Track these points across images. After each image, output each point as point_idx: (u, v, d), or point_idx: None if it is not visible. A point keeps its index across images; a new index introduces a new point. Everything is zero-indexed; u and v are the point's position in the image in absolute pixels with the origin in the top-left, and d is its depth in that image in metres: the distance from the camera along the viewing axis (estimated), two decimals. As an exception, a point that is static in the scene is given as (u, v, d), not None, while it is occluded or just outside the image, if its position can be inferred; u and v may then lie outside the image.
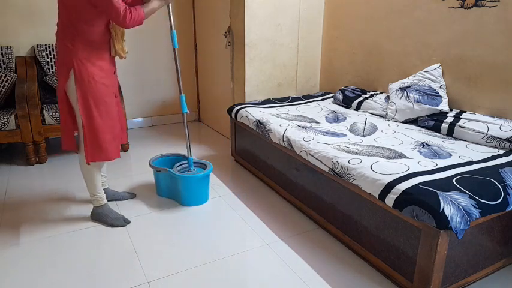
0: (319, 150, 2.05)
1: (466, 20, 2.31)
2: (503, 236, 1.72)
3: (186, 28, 4.17)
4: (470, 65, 2.34)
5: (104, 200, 2.21)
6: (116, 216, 2.19)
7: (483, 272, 1.73)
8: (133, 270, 1.81)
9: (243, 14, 3.03)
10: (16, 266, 1.83)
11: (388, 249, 1.71)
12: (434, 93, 2.43)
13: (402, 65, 2.78)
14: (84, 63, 1.88)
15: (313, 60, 3.55)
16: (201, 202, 2.46)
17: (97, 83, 1.92)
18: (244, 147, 2.99)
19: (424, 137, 2.22)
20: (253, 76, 3.22)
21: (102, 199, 2.20)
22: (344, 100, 3.02)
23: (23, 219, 2.24)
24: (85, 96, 1.91)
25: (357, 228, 1.89)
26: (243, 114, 2.83)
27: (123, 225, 2.16)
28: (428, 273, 1.51)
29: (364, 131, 2.38)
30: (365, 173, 1.75)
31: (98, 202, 2.19)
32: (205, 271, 1.81)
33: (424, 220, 1.45)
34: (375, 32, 2.97)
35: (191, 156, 2.45)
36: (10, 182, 2.72)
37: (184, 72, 4.31)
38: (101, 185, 2.19)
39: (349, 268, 1.84)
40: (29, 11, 3.34)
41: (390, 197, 1.59)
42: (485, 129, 2.10)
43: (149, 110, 4.22)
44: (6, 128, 2.85)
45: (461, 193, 1.52)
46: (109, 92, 2.00)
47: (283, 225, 2.21)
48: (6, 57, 3.20)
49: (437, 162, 1.83)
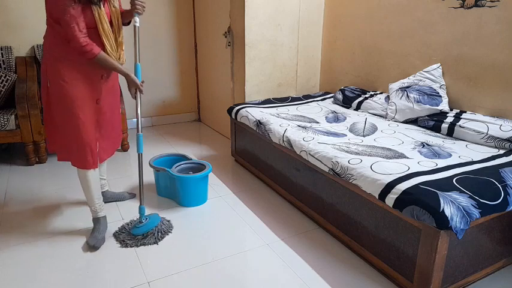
0: (319, 150, 2.05)
1: (466, 20, 2.31)
2: (503, 236, 1.72)
3: (186, 28, 4.16)
4: (470, 65, 2.34)
5: (99, 213, 2.09)
6: (102, 237, 2.03)
7: (483, 272, 1.73)
8: (134, 270, 1.81)
9: (243, 14, 3.03)
10: (16, 266, 1.83)
11: (388, 249, 1.71)
12: (434, 93, 2.43)
13: (402, 65, 2.78)
14: (57, 63, 1.83)
15: (313, 60, 3.55)
16: (200, 203, 2.46)
17: (66, 83, 1.83)
18: (244, 147, 2.99)
19: (424, 137, 2.22)
20: (253, 76, 3.22)
21: (97, 212, 2.08)
22: (344, 100, 3.02)
23: (23, 219, 2.24)
24: (50, 94, 1.89)
25: (357, 228, 1.89)
26: (243, 114, 2.83)
27: (96, 248, 1.97)
28: (428, 273, 1.51)
29: (364, 131, 2.38)
30: (365, 173, 1.75)
31: (93, 214, 2.09)
32: (205, 271, 1.81)
33: (424, 220, 1.45)
34: (374, 32, 2.97)
35: (143, 204, 2.11)
36: (10, 182, 2.72)
37: (184, 72, 4.31)
38: (98, 196, 2.07)
39: (349, 268, 1.84)
40: (29, 11, 3.34)
41: (390, 197, 1.59)
42: (485, 129, 2.10)
43: (149, 110, 4.22)
44: (6, 128, 2.85)
45: (461, 193, 1.52)
46: (83, 96, 1.88)
47: (283, 225, 2.21)
48: (6, 57, 3.20)
49: (437, 162, 1.83)
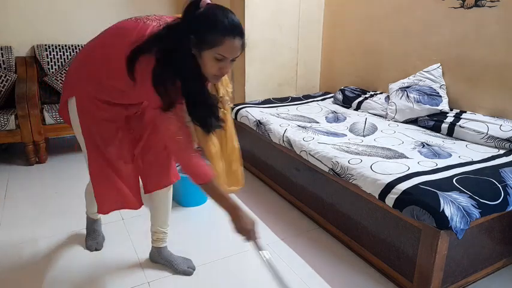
0: (319, 150, 2.05)
1: (466, 20, 2.31)
2: (503, 236, 1.72)
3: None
4: (470, 65, 2.34)
5: (97, 215, 1.97)
6: (97, 241, 1.96)
7: (483, 272, 1.73)
8: (133, 270, 1.81)
9: (243, 14, 3.03)
10: (16, 266, 1.83)
11: (388, 249, 1.71)
12: (434, 93, 2.43)
13: (402, 65, 2.78)
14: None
15: (313, 60, 3.55)
16: (200, 203, 2.46)
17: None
18: (244, 147, 2.98)
19: (424, 137, 2.22)
20: (253, 76, 3.22)
21: (95, 214, 1.94)
22: (344, 100, 3.02)
23: (23, 219, 2.24)
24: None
25: (357, 228, 1.89)
26: (243, 114, 2.82)
27: (90, 249, 1.93)
28: (428, 273, 1.51)
29: (364, 131, 2.38)
30: (365, 173, 1.75)
31: (92, 216, 1.98)
32: (205, 271, 1.81)
33: (424, 220, 1.45)
34: (375, 32, 2.97)
35: None
36: (10, 182, 2.72)
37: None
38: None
39: (349, 268, 1.84)
40: (30, 11, 3.33)
41: (390, 197, 1.59)
42: (485, 129, 2.10)
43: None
44: (6, 128, 2.84)
45: (461, 193, 1.52)
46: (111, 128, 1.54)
47: (283, 225, 2.21)
48: (6, 57, 3.19)
49: (437, 162, 1.83)
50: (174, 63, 1.24)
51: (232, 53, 1.24)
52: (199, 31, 1.21)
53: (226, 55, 1.23)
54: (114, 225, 2.16)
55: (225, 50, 1.21)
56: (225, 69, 1.27)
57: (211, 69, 1.26)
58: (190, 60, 1.26)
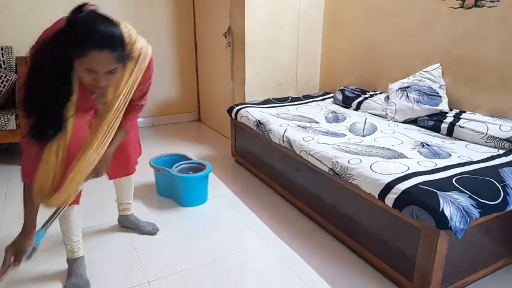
0: (319, 150, 2.05)
1: (466, 20, 2.31)
2: (502, 236, 1.73)
3: (186, 28, 4.16)
4: (469, 65, 2.34)
5: (76, 253, 1.73)
6: (86, 281, 1.69)
7: (483, 272, 1.73)
8: (134, 270, 1.81)
9: (243, 14, 3.03)
10: (16, 265, 1.83)
11: (388, 249, 1.72)
12: (434, 93, 2.43)
13: (402, 65, 2.78)
14: None
15: (313, 60, 3.55)
16: (200, 202, 2.46)
17: None
18: (244, 147, 2.99)
19: (423, 137, 2.22)
20: (253, 76, 3.22)
21: (74, 251, 1.72)
22: (344, 100, 3.02)
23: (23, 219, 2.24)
24: None
25: (356, 228, 1.89)
26: (243, 114, 2.83)
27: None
28: (428, 273, 1.51)
29: (363, 131, 2.38)
30: (365, 173, 1.75)
31: (69, 254, 1.73)
32: (206, 271, 1.81)
33: (424, 220, 1.45)
34: (375, 32, 2.97)
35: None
36: (10, 182, 2.72)
37: (184, 72, 4.31)
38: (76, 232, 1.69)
39: (349, 268, 1.84)
40: (30, 11, 3.34)
41: (390, 196, 1.59)
42: (484, 129, 2.10)
43: (149, 110, 4.22)
44: (7, 128, 2.85)
45: (460, 193, 1.52)
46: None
47: (283, 225, 2.21)
48: (7, 57, 3.20)
49: (436, 162, 1.83)
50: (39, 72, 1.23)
51: (100, 66, 1.17)
52: (69, 40, 1.16)
53: (93, 67, 1.17)
54: (114, 225, 2.17)
55: (91, 62, 1.16)
56: (98, 81, 1.20)
57: (85, 79, 1.22)
58: (52, 70, 1.21)
